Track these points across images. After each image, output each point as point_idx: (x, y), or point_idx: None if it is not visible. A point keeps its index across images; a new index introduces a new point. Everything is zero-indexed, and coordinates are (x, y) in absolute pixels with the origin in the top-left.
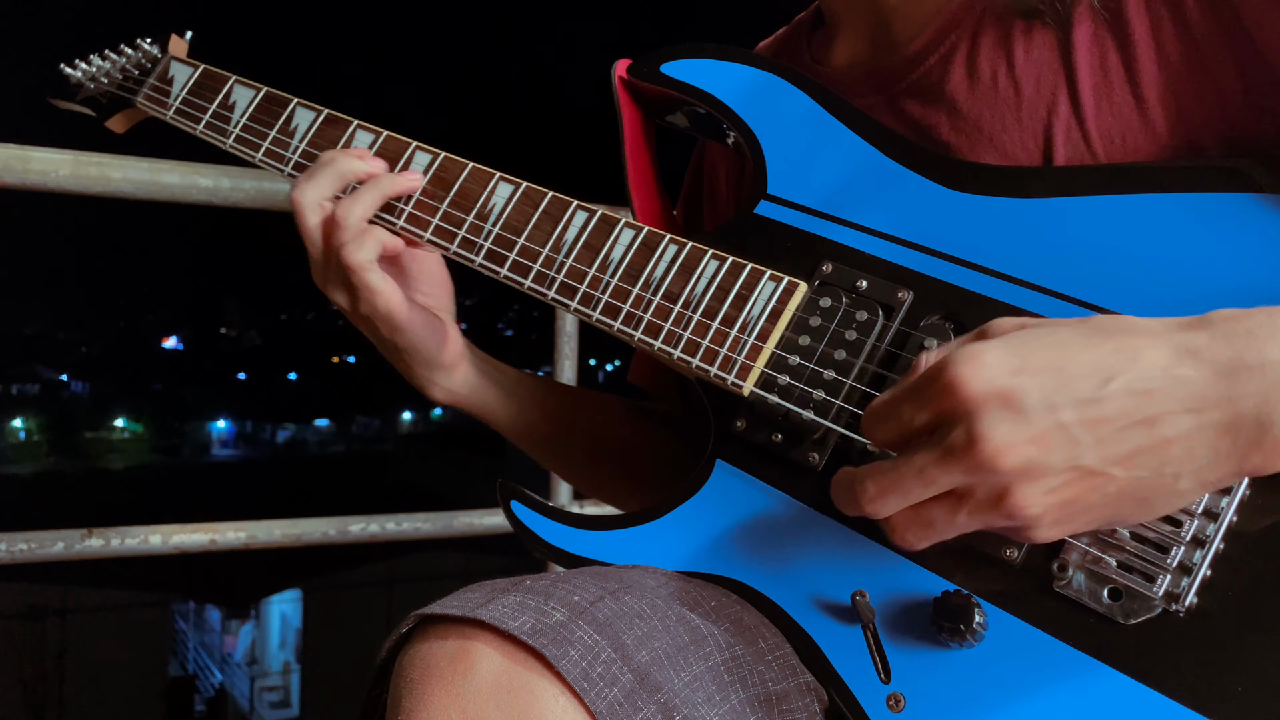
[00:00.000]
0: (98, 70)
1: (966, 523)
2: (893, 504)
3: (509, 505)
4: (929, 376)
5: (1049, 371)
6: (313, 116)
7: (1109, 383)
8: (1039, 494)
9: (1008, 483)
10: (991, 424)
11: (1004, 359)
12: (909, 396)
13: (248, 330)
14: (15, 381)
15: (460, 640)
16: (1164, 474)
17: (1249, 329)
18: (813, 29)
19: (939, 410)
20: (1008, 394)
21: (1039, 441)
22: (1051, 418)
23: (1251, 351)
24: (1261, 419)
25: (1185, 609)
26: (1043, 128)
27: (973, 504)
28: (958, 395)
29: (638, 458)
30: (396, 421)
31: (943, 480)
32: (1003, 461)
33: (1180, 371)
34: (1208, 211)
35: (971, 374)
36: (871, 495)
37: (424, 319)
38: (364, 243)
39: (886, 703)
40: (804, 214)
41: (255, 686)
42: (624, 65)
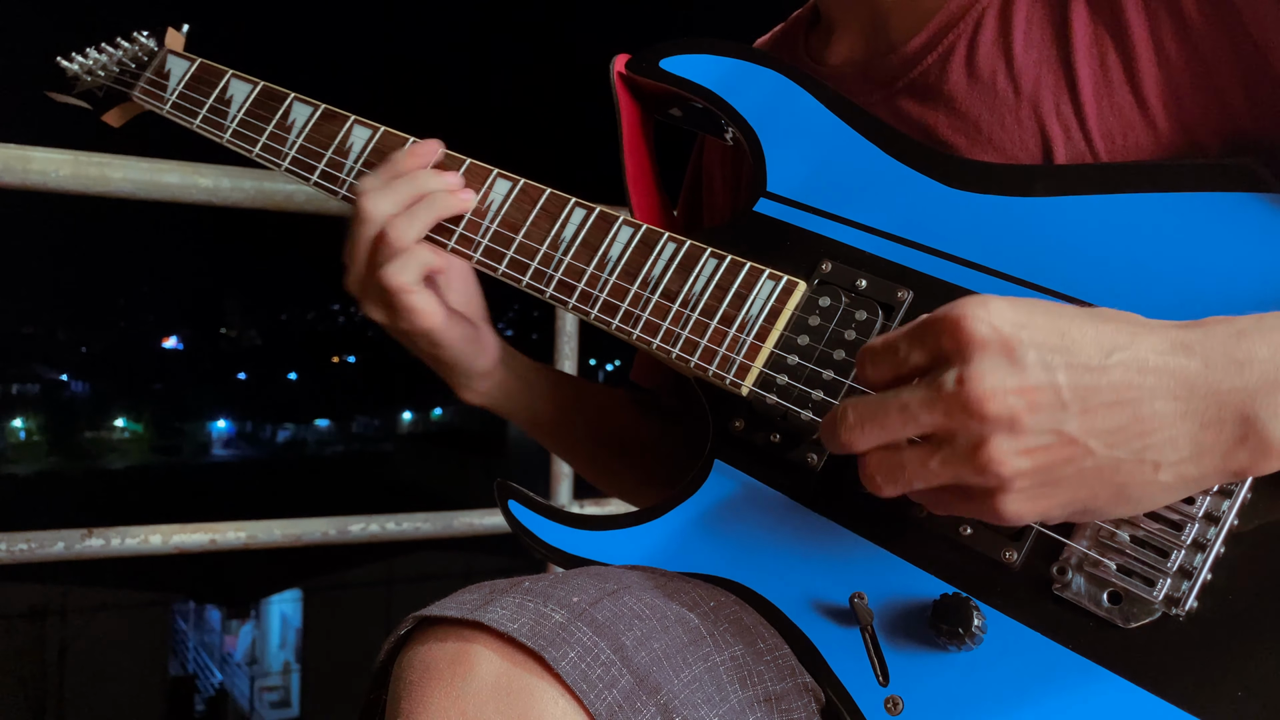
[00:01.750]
0: (94, 63)
1: (939, 470)
2: (870, 435)
3: (507, 505)
4: (934, 317)
5: (1053, 332)
6: (310, 111)
7: (1108, 355)
8: (1014, 451)
9: (987, 432)
10: (985, 368)
11: (1011, 311)
12: (908, 335)
13: (248, 330)
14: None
15: (459, 642)
16: (1144, 459)
17: (1239, 329)
18: (809, 27)
19: (937, 349)
20: (1008, 342)
21: (1027, 395)
22: (1046, 375)
23: (1240, 349)
24: (1247, 415)
25: (1185, 613)
26: (1042, 127)
27: (948, 450)
28: (959, 334)
29: (645, 450)
30: (396, 421)
31: (924, 418)
32: (987, 407)
33: (1174, 360)
34: (1211, 211)
35: (977, 315)
36: (851, 423)
37: (462, 331)
38: (407, 265)
39: (885, 705)
40: (803, 212)
41: (255, 686)
42: (622, 60)
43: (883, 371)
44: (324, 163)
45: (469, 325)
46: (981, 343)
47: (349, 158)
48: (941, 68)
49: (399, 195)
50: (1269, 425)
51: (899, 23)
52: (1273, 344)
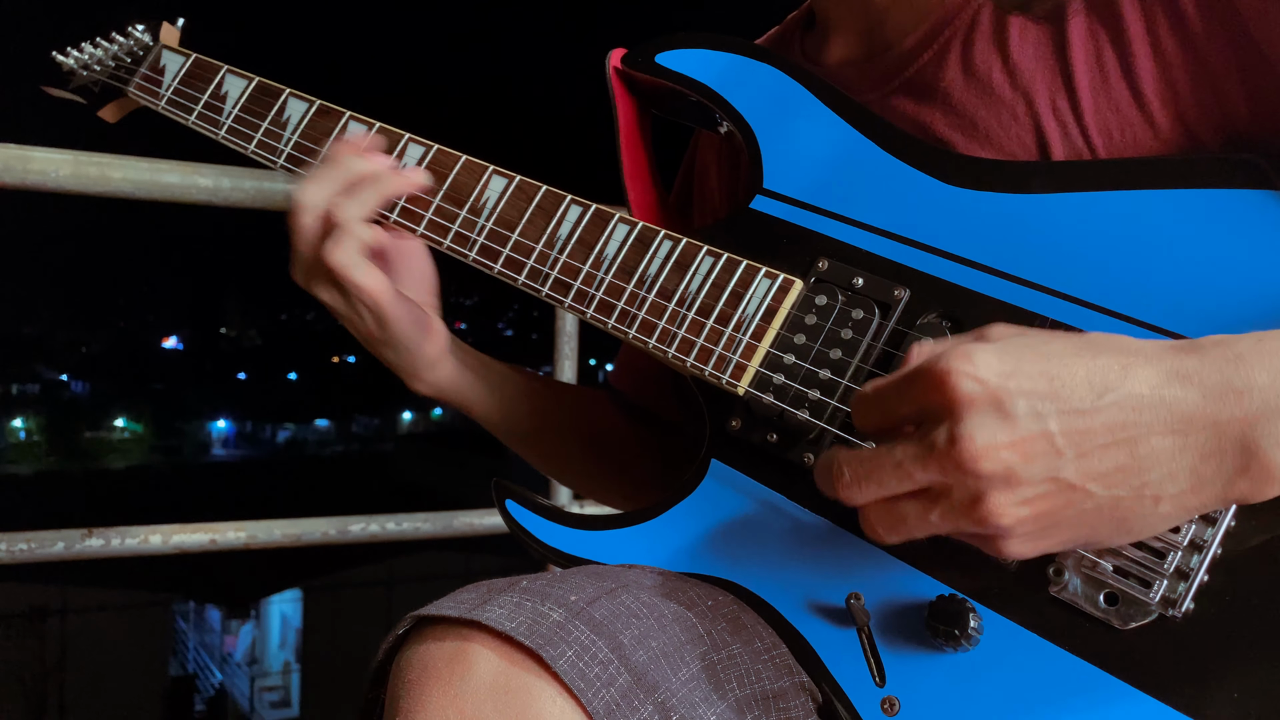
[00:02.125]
0: (90, 58)
1: (938, 523)
2: (868, 493)
3: (504, 505)
4: (921, 370)
5: (1041, 378)
6: (305, 107)
7: (1100, 396)
8: (1013, 503)
9: (983, 488)
10: (976, 425)
11: (997, 362)
12: (898, 387)
13: (248, 330)
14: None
15: (457, 641)
16: (1144, 495)
17: (1238, 353)
18: (805, 29)
19: (926, 404)
20: (996, 395)
21: (1020, 448)
22: (1037, 425)
23: (1239, 376)
24: (1247, 444)
25: (1182, 615)
26: (1038, 123)
27: (946, 505)
28: (946, 392)
29: (626, 455)
30: (396, 421)
31: (919, 476)
32: (981, 465)
33: (1169, 392)
34: (1214, 207)
35: (963, 371)
36: (847, 481)
37: (409, 312)
38: (349, 241)
39: (881, 706)
40: (800, 209)
41: (255, 686)
42: (618, 55)
43: (875, 421)
44: (320, 159)
45: (418, 310)
46: (969, 399)
47: None
48: (937, 65)
49: (327, 182)
50: (1270, 453)
51: (894, 22)
52: (1272, 369)
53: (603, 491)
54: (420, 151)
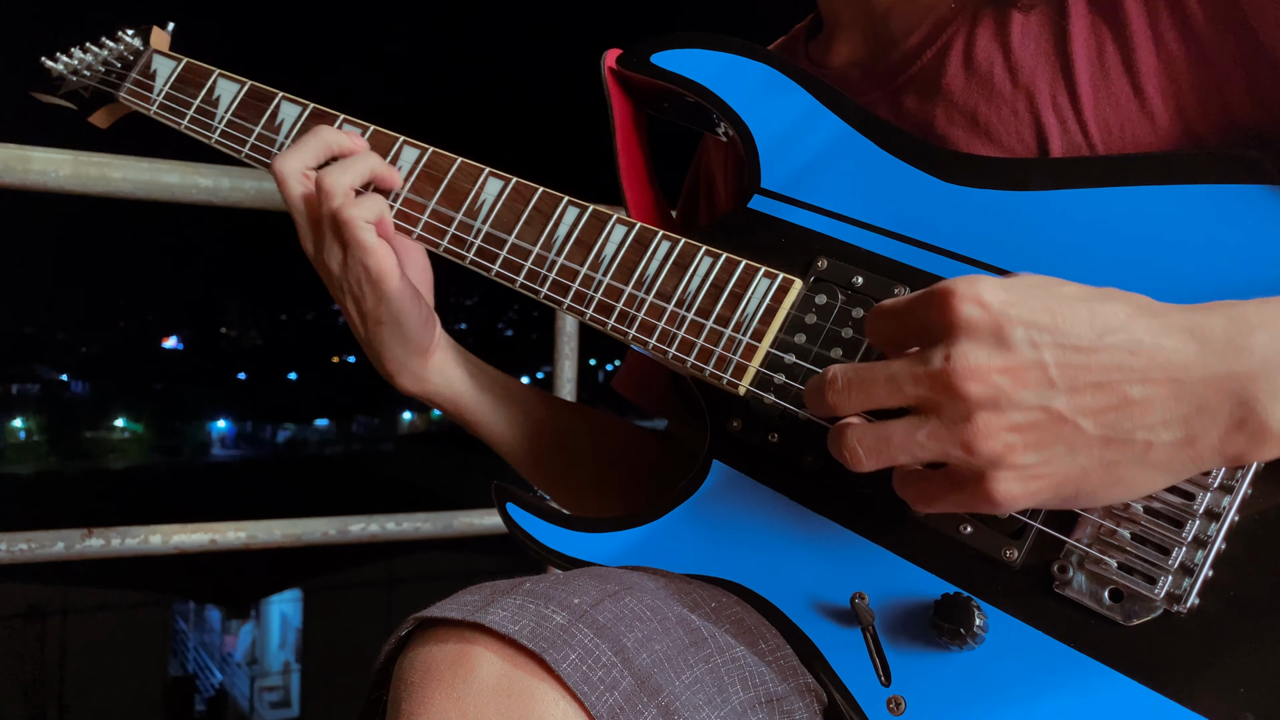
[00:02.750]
0: (79, 63)
1: (924, 444)
2: (854, 399)
3: (505, 508)
4: (930, 290)
5: (1043, 311)
6: (299, 111)
7: (1100, 336)
8: (1000, 427)
9: (971, 409)
10: (970, 347)
11: (1003, 291)
12: (910, 304)
13: (248, 330)
14: (15, 381)
15: (460, 644)
16: (1134, 439)
17: (1240, 313)
18: (810, 36)
19: (929, 324)
20: (997, 320)
21: (1012, 374)
22: (1033, 353)
23: (1240, 335)
24: (1244, 398)
25: (1187, 610)
26: (1038, 118)
27: (934, 425)
28: (947, 312)
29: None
30: (396, 421)
31: (909, 390)
32: (970, 385)
33: (1169, 341)
34: (1214, 203)
35: (967, 295)
36: (838, 386)
37: (411, 292)
38: (363, 202)
39: (887, 705)
40: (798, 208)
41: (255, 686)
42: (613, 55)
43: (884, 333)
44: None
45: (418, 294)
46: (968, 321)
47: None
48: (940, 62)
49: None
50: (1268, 409)
51: (898, 20)
52: (1274, 329)
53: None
54: (415, 154)
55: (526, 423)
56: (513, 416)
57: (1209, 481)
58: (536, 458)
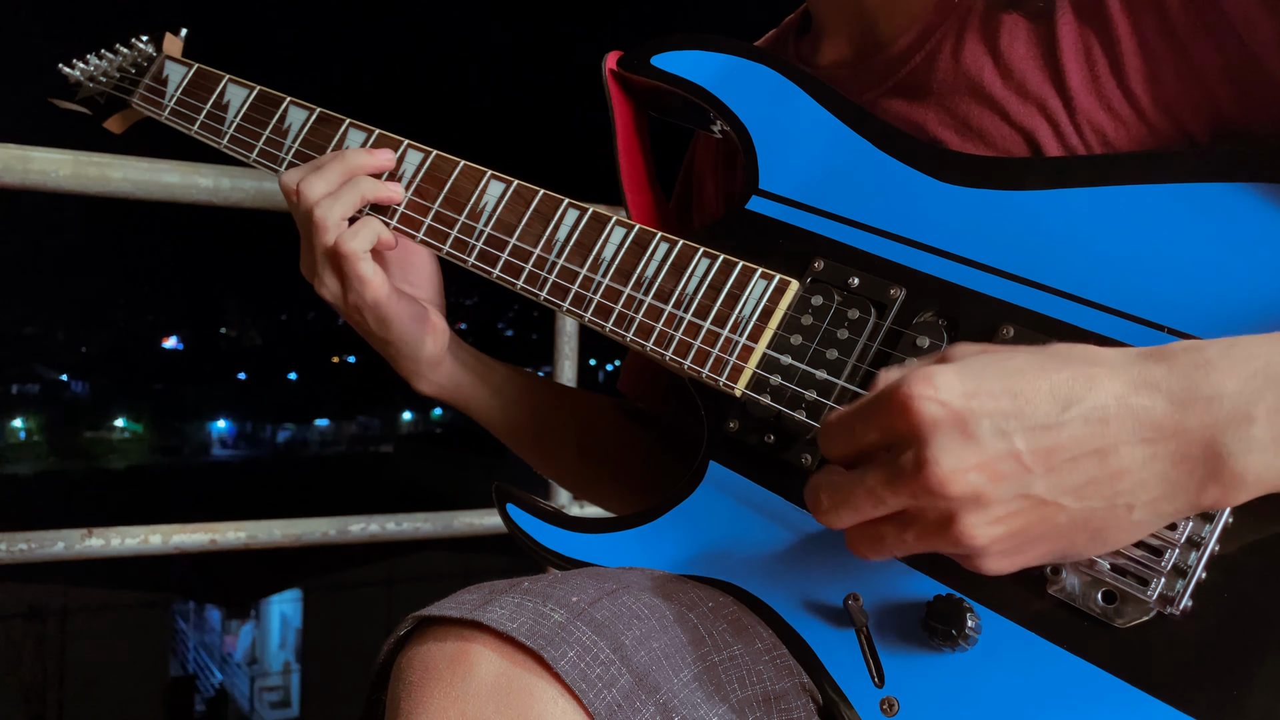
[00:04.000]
0: (95, 69)
1: (915, 544)
2: (845, 518)
3: (504, 508)
4: (883, 396)
5: (1004, 396)
6: (305, 115)
7: (1065, 410)
8: (985, 523)
9: (954, 509)
10: (940, 448)
11: (958, 382)
12: (862, 414)
13: (248, 330)
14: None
15: (459, 642)
16: (1116, 505)
17: (1207, 359)
18: (800, 32)
19: (890, 430)
20: (959, 417)
21: (987, 469)
22: (1003, 444)
23: (1207, 383)
24: (1217, 450)
25: (1180, 612)
26: (1031, 123)
27: (920, 527)
28: (909, 417)
29: (626, 459)
30: (396, 421)
31: (891, 501)
32: (949, 488)
33: (1136, 401)
34: (1206, 201)
35: (923, 395)
36: (825, 508)
37: (410, 311)
38: (359, 233)
39: (880, 706)
40: (795, 209)
41: (255, 686)
42: (614, 57)
43: (842, 450)
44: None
45: (419, 309)
46: (933, 423)
47: None
48: (929, 66)
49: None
50: (1240, 460)
51: (886, 23)
52: (1241, 376)
53: (600, 495)
54: (419, 157)
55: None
56: (526, 414)
57: None
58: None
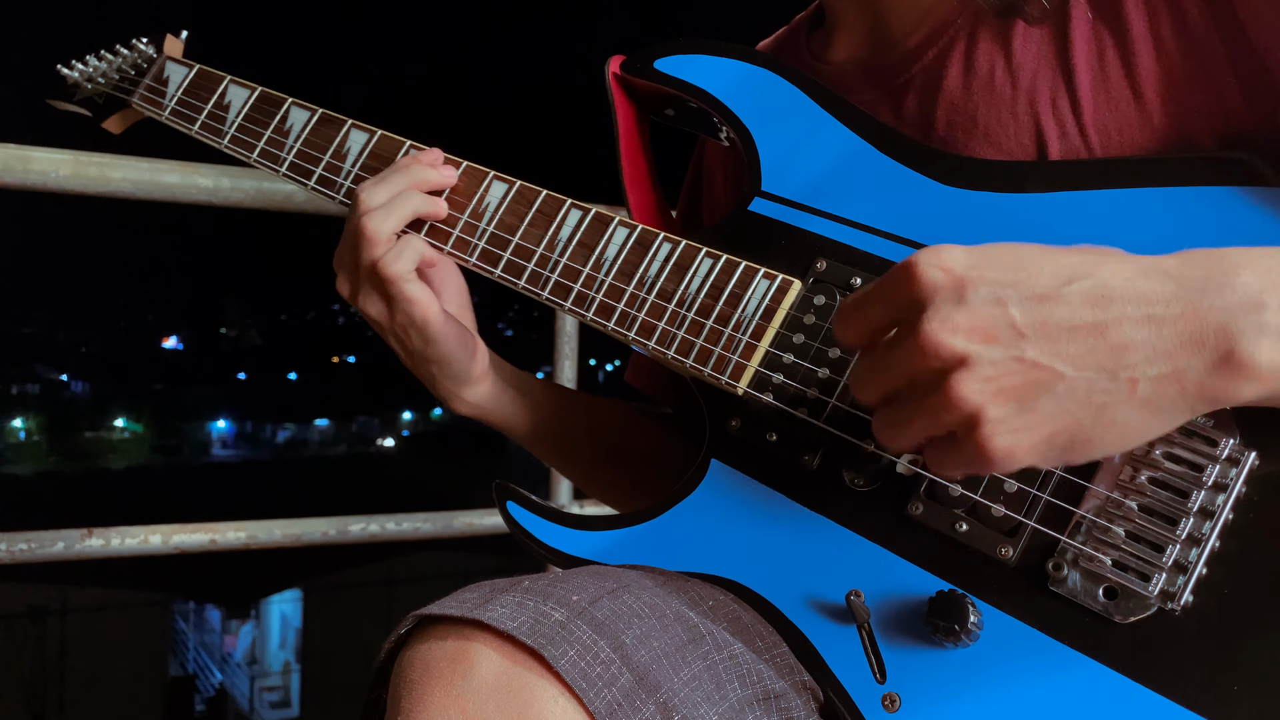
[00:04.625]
0: (94, 70)
1: (921, 417)
2: (871, 391)
3: (505, 507)
4: (894, 268)
5: (1006, 268)
6: (307, 116)
7: (1066, 285)
8: (975, 381)
9: (945, 371)
10: (935, 311)
11: (964, 255)
12: (875, 289)
13: (248, 330)
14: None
15: (459, 640)
16: (1118, 377)
17: (1222, 254)
18: (811, 28)
19: (896, 299)
20: (960, 281)
21: (979, 332)
22: (998, 310)
23: (1221, 273)
24: (1227, 332)
25: (1181, 607)
26: (1038, 121)
27: (919, 396)
28: (913, 283)
29: (643, 461)
30: (396, 421)
31: (894, 367)
32: (940, 348)
33: (1143, 283)
34: (1208, 205)
35: (928, 261)
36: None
37: (456, 330)
38: (402, 253)
39: (882, 702)
40: (798, 210)
41: (255, 686)
42: (617, 61)
43: (854, 330)
44: (321, 166)
45: (464, 329)
46: (933, 287)
47: (346, 161)
48: (940, 63)
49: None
50: (1252, 342)
51: (899, 20)
52: (1256, 270)
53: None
54: None
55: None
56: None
57: (1203, 480)
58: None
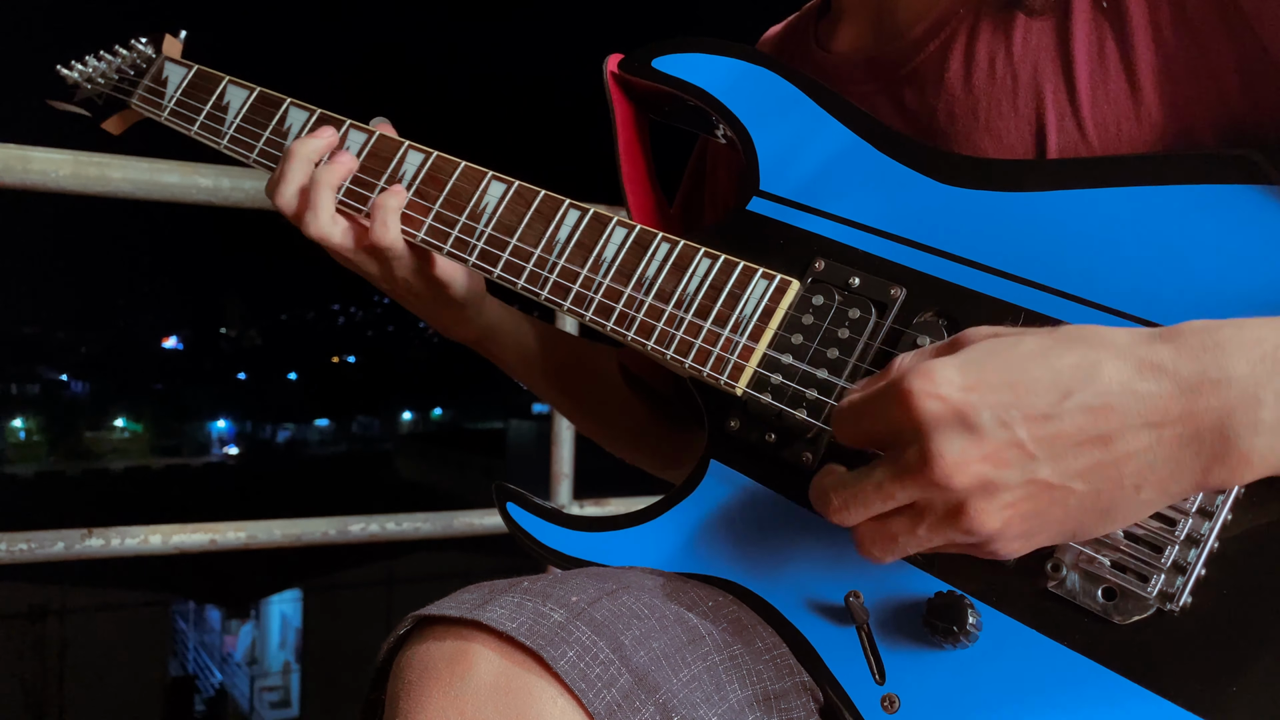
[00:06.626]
0: (93, 71)
1: (928, 537)
2: (856, 515)
3: (505, 508)
4: (887, 389)
5: (1004, 388)
6: (306, 116)
7: (1065, 399)
8: (995, 509)
9: (963, 499)
10: (943, 442)
11: (958, 375)
12: (868, 405)
13: (248, 330)
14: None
15: (458, 641)
16: (1124, 485)
17: (1216, 342)
18: (820, 15)
19: (895, 424)
20: (960, 411)
21: (992, 459)
22: (1005, 434)
23: (1216, 366)
24: (1224, 432)
25: (1180, 608)
26: (1039, 113)
27: (931, 520)
28: (911, 413)
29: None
30: (396, 421)
31: (900, 495)
32: (956, 480)
33: (1141, 386)
34: (1208, 203)
35: (923, 390)
36: (836, 507)
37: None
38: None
39: (881, 704)
40: (796, 210)
41: (255, 686)
42: (615, 60)
43: (854, 437)
44: None
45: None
46: (934, 417)
47: None
48: (943, 55)
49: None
50: (1247, 441)
51: (904, 10)
52: (1250, 360)
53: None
54: (420, 159)
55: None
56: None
57: None
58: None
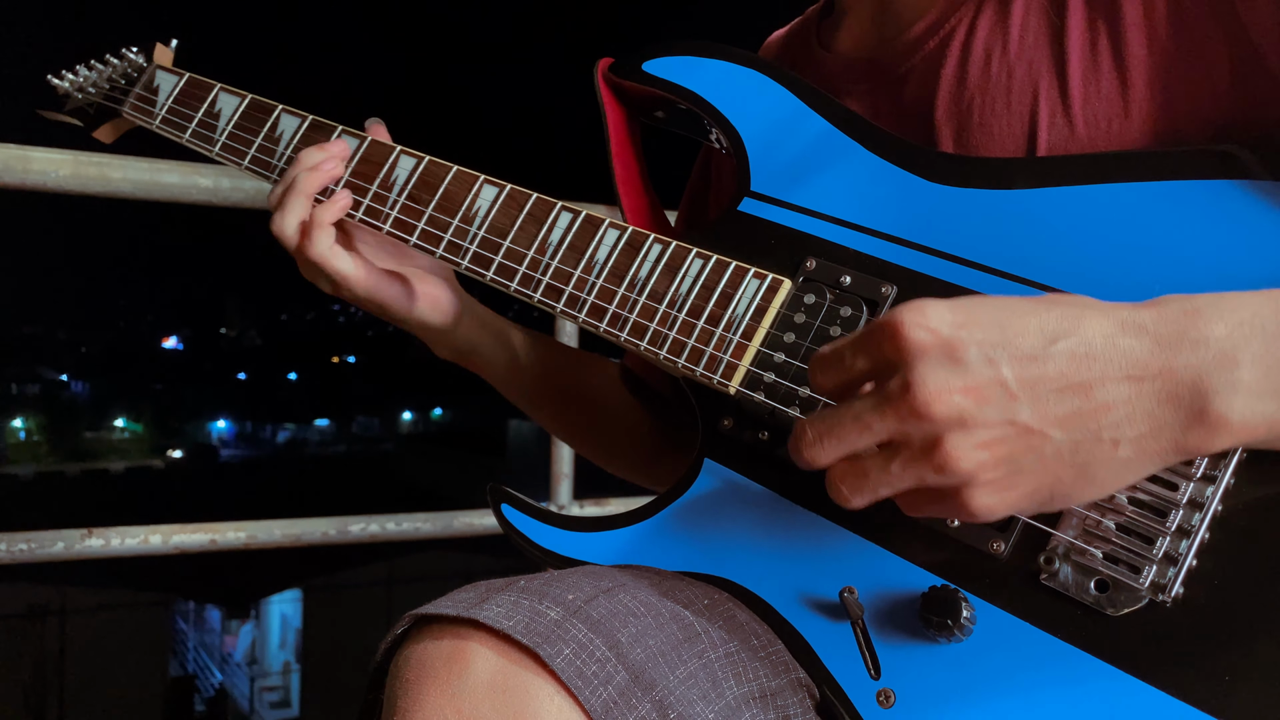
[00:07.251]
0: (84, 80)
1: (900, 474)
2: (830, 449)
3: (500, 509)
4: (875, 324)
5: (993, 326)
6: (297, 123)
7: (1052, 344)
8: (970, 446)
9: (940, 432)
10: (927, 371)
11: (949, 313)
12: (854, 343)
13: (248, 330)
14: (15, 381)
15: (455, 640)
16: (1102, 439)
17: (1195, 307)
18: (822, 17)
19: (879, 357)
20: (948, 343)
21: (973, 393)
22: (989, 371)
23: (1195, 328)
24: (1201, 390)
25: (1172, 599)
26: (1033, 111)
27: (906, 454)
28: (897, 341)
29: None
30: (396, 421)
31: (877, 426)
32: (935, 408)
33: (1123, 340)
34: (1196, 199)
35: (913, 321)
36: (810, 439)
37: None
38: (316, 237)
39: (876, 698)
40: (787, 210)
41: (255, 686)
42: (606, 64)
43: (832, 378)
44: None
45: (407, 285)
46: (921, 347)
47: None
48: (941, 52)
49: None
50: (1224, 400)
51: (904, 8)
52: (1229, 323)
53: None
54: (412, 163)
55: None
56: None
57: (1192, 472)
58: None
